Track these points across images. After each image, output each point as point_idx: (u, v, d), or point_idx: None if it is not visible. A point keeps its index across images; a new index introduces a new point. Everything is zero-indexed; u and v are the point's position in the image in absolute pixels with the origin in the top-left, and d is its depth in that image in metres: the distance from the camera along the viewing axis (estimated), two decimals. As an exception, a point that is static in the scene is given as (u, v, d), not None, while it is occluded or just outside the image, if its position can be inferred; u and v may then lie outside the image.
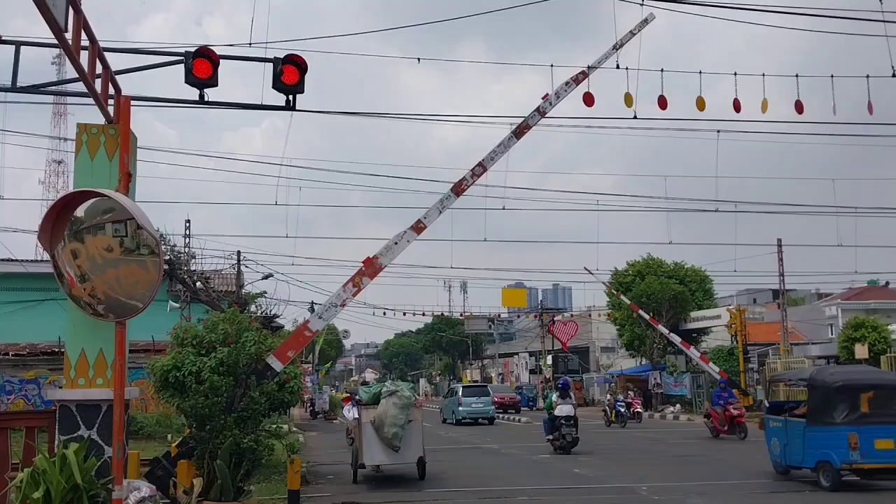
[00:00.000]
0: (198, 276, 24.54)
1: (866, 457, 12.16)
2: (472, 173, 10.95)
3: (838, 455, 12.33)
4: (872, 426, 12.36)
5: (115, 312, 6.77)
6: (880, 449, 12.16)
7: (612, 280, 48.98)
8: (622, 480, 14.06)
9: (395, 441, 13.58)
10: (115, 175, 7.08)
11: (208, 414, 8.04)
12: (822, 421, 12.87)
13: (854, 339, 32.72)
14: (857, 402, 12.63)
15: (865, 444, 12.17)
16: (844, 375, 13.70)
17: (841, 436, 12.41)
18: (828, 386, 13.02)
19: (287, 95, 8.62)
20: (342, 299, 9.93)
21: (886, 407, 12.64)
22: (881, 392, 12.88)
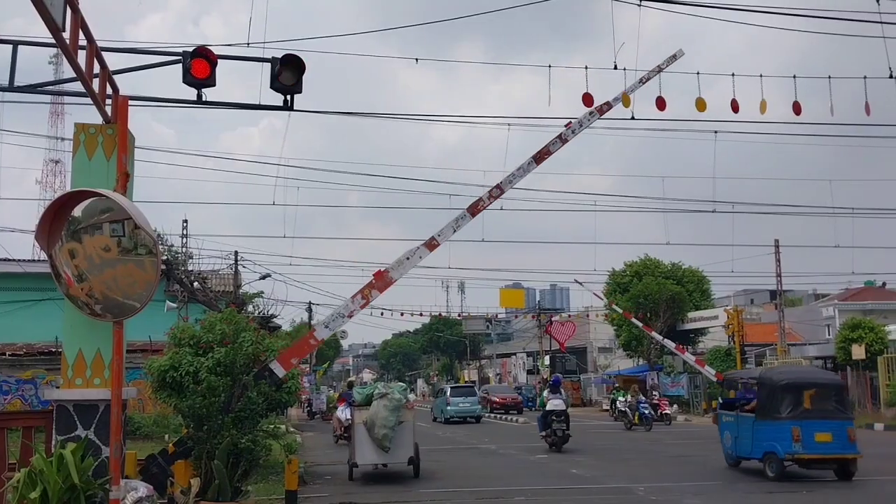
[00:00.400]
0: (195, 277, 24.52)
1: (807, 448, 13.35)
2: (490, 195, 11.08)
3: (782, 447, 13.47)
4: (813, 420, 13.50)
5: (112, 312, 6.76)
6: (819, 441, 13.40)
7: (608, 281, 49.03)
8: (619, 481, 14.07)
9: (385, 442, 13.99)
10: (112, 175, 7.07)
11: (206, 414, 8.03)
12: (768, 416, 13.95)
13: (851, 339, 32.75)
14: (800, 398, 13.73)
15: (807, 436, 13.34)
16: (789, 375, 15.02)
17: (785, 429, 13.51)
18: (774, 384, 14.16)
19: (285, 95, 8.61)
20: (350, 310, 9.94)
21: (825, 403, 13.77)
22: (821, 390, 13.99)
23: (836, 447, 13.48)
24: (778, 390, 14.04)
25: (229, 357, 8.29)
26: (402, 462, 14.56)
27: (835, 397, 14.05)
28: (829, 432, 13.47)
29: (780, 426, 13.71)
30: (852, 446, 13.54)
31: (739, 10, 11.59)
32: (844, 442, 13.51)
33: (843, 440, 13.51)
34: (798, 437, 13.39)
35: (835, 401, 13.96)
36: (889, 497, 11.92)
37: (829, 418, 13.67)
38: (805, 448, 13.37)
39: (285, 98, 8.64)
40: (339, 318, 10.01)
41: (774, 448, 13.68)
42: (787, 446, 13.44)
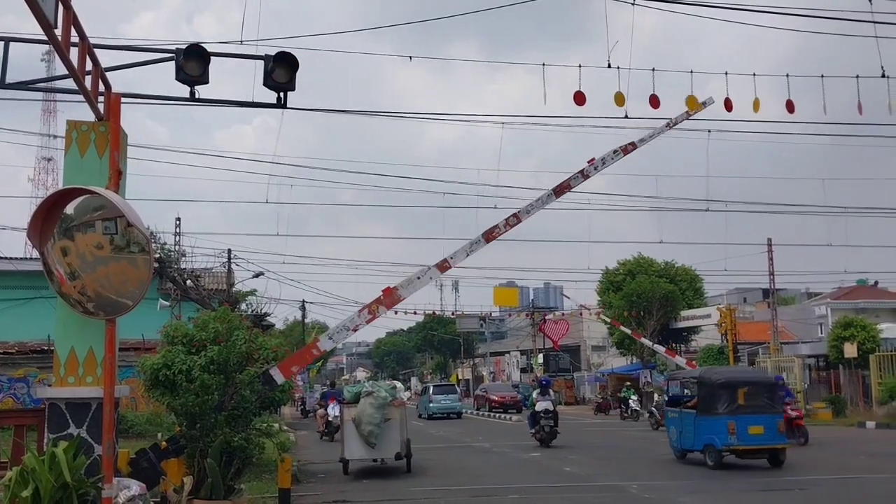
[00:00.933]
0: (188, 275, 24.46)
1: (742, 440, 14.85)
2: (506, 223, 11.18)
3: (720, 439, 14.99)
4: (747, 415, 15.01)
5: (104, 310, 6.74)
6: (752, 434, 14.88)
7: (601, 280, 49.11)
8: (613, 479, 14.10)
9: (371, 438, 14.68)
10: (105, 172, 7.04)
11: (199, 412, 8.01)
12: (707, 412, 15.41)
13: (843, 338, 32.85)
14: (735, 395, 15.22)
15: (741, 430, 14.82)
16: (725, 374, 16.72)
17: (722, 423, 14.99)
18: (712, 383, 15.67)
19: (278, 93, 8.58)
20: (355, 324, 9.99)
21: (758, 400, 15.27)
22: (754, 387, 15.55)
23: (768, 438, 14.98)
24: (715, 388, 15.52)
25: (222, 355, 8.27)
26: (389, 457, 15.10)
27: (766, 394, 15.55)
28: (761, 425, 14.95)
29: (717, 421, 15.10)
30: (782, 437, 15.20)
31: (733, 9, 11.61)
32: (775, 434, 15.08)
33: (773, 432, 15.06)
34: (733, 430, 14.82)
35: (766, 397, 15.46)
36: (884, 494, 11.97)
37: (762, 413, 15.14)
38: (740, 440, 14.85)
39: (279, 95, 8.61)
40: (344, 331, 10.08)
41: (713, 441, 15.13)
42: (724, 439, 14.90)
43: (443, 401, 37.54)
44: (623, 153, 11.70)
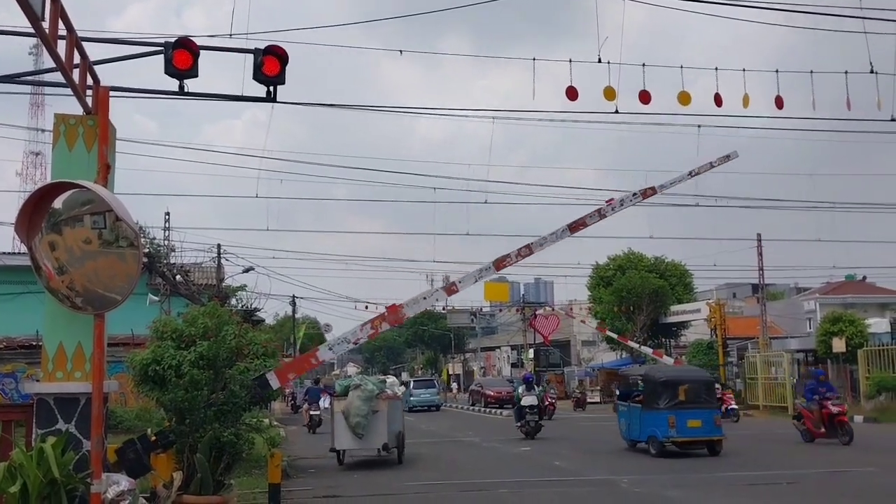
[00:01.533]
0: (178, 270, 24.36)
1: (681, 433, 16.30)
2: (518, 253, 11.30)
3: (661, 431, 16.40)
4: (686, 410, 16.46)
5: (93, 305, 6.70)
6: (691, 427, 16.35)
7: (592, 275, 49.23)
8: (602, 473, 14.15)
9: (358, 429, 15.35)
10: (93, 166, 6.99)
11: (188, 408, 7.98)
12: (651, 406, 16.85)
13: (832, 333, 33.03)
14: (675, 392, 16.69)
15: (681, 423, 16.26)
16: (667, 372, 18.45)
17: (664, 417, 16.41)
18: (655, 380, 17.25)
19: (268, 87, 8.54)
20: (356, 337, 10.02)
21: (697, 396, 16.79)
22: (693, 385, 17.08)
23: (705, 431, 16.52)
24: (658, 386, 17.03)
25: (212, 350, 8.24)
26: (375, 448, 15.83)
27: (705, 391, 17.21)
28: (699, 419, 16.46)
29: (659, 415, 16.57)
30: (718, 430, 16.66)
31: (723, 4, 11.63)
32: (711, 427, 16.57)
33: (710, 425, 16.56)
34: (673, 423, 16.29)
35: (704, 394, 17.08)
36: (871, 488, 12.05)
37: (700, 408, 16.69)
38: (679, 432, 16.31)
39: (268, 89, 8.57)
40: (345, 343, 10.14)
41: (655, 432, 16.57)
42: (665, 431, 16.36)
43: (422, 395, 40.40)
44: (642, 197, 11.88)
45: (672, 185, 12.01)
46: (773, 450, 18.10)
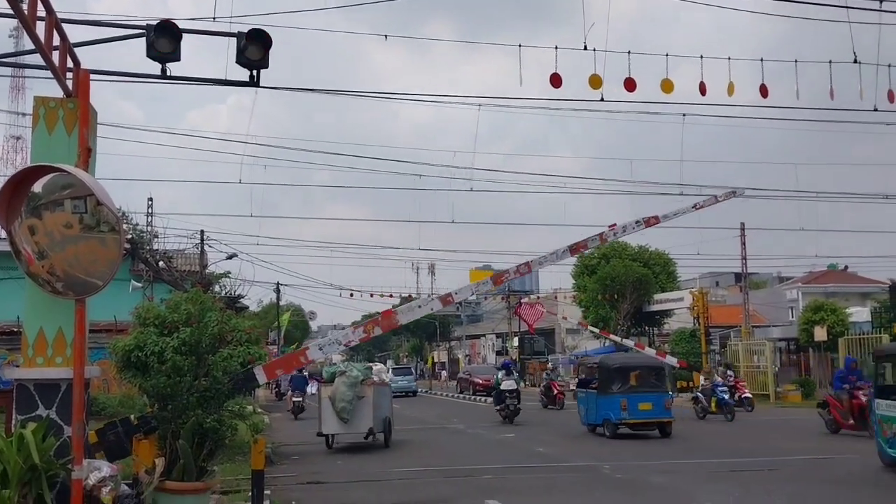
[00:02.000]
0: (160, 256, 24.18)
1: (633, 415, 17.67)
2: (517, 270, 11.44)
3: (615, 414, 17.79)
4: (637, 394, 17.88)
5: (74, 290, 6.64)
6: (642, 409, 17.68)
7: (577, 264, 49.38)
8: (585, 459, 14.24)
9: (344, 414, 15.87)
10: (73, 150, 6.89)
11: (170, 394, 7.94)
12: (605, 391, 18.22)
13: (813, 321, 33.33)
14: (627, 377, 18.22)
15: (632, 406, 17.63)
16: (620, 360, 19.98)
17: (617, 401, 17.83)
18: (609, 367, 18.75)
19: (251, 70, 8.46)
20: (348, 339, 10.06)
21: (647, 381, 18.20)
22: (644, 371, 18.50)
23: (655, 413, 17.82)
24: (611, 372, 18.49)
25: (194, 336, 8.18)
26: (361, 432, 16.37)
27: (655, 376, 18.54)
28: (649, 402, 17.81)
29: (613, 399, 17.96)
30: (668, 412, 17.98)
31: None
32: (661, 409, 17.85)
33: (660, 408, 17.85)
34: (625, 406, 17.66)
35: (655, 379, 18.45)
36: (850, 473, 12.19)
37: (650, 392, 18.06)
38: (631, 415, 17.67)
39: (251, 73, 8.49)
40: (335, 344, 10.18)
41: (609, 415, 17.92)
42: (618, 414, 17.74)
43: (400, 381, 42.08)
44: (645, 225, 12.08)
45: (675, 217, 12.12)
46: (759, 436, 18.29)
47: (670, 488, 10.90)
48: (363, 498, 10.51)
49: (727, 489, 10.53)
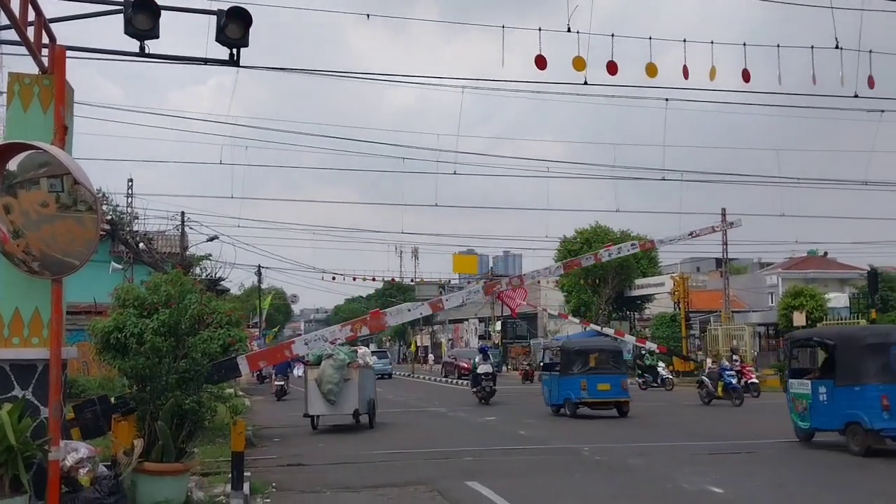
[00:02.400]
0: (141, 238, 24.00)
1: (592, 395, 18.83)
2: (510, 282, 11.63)
3: (575, 394, 18.93)
4: (596, 375, 19.05)
5: (50, 270, 6.56)
6: (601, 390, 18.82)
7: (559, 248, 49.57)
8: (565, 441, 14.33)
9: (330, 396, 16.25)
10: (49, 128, 6.78)
11: (149, 375, 7.89)
12: (566, 373, 19.33)
13: (793, 307, 33.69)
14: (587, 359, 19.35)
15: (591, 386, 18.80)
16: (580, 343, 21.62)
17: (577, 382, 18.96)
18: (570, 350, 20.03)
19: (231, 49, 8.35)
20: (335, 336, 10.14)
21: (606, 363, 19.35)
22: (603, 353, 19.71)
23: (613, 393, 18.94)
24: (572, 355, 19.65)
25: (173, 318, 8.13)
26: (347, 413, 16.66)
27: (613, 359, 19.75)
28: (608, 383, 18.93)
29: (573, 380, 19.06)
30: (625, 393, 19.17)
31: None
32: (619, 390, 19.01)
33: (618, 389, 18.99)
34: (585, 387, 18.80)
35: (613, 361, 19.61)
36: (826, 457, 12.33)
37: (609, 373, 19.20)
38: (590, 395, 18.83)
39: (231, 52, 8.37)
40: (321, 341, 10.27)
41: (570, 395, 19.04)
42: (578, 393, 18.87)
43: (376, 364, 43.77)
44: (640, 248, 12.26)
45: (671, 243, 12.26)
46: (740, 420, 18.48)
47: (648, 470, 10.99)
48: (344, 479, 10.52)
49: (705, 471, 10.63)
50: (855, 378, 12.46)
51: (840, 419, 12.58)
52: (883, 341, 12.68)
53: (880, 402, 11.93)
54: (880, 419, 11.88)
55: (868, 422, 11.93)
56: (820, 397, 13.06)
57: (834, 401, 12.72)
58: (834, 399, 12.73)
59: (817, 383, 13.27)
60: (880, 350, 12.47)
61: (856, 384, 12.38)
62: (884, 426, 11.88)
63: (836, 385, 12.73)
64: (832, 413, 12.75)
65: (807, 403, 13.41)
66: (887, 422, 11.86)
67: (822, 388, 13.05)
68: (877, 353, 12.44)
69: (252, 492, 9.19)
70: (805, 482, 10.09)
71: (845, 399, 12.48)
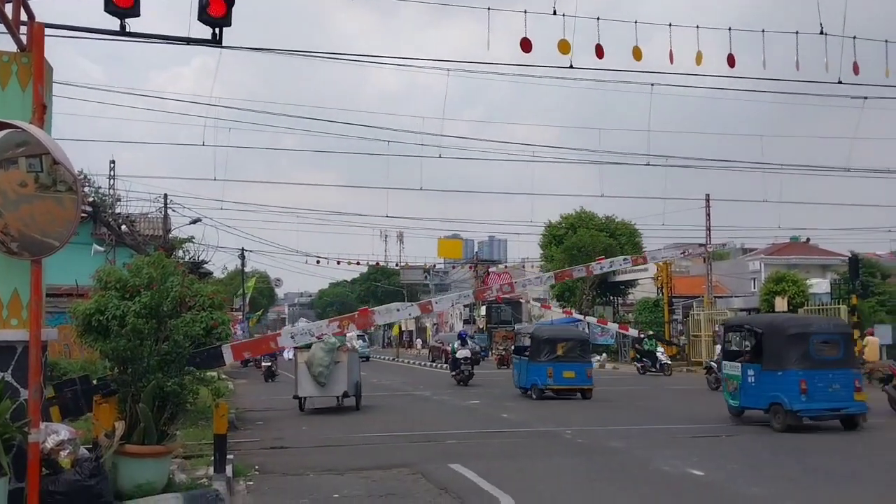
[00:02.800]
0: (123, 220, 23.80)
1: (557, 382, 19.85)
2: (500, 288, 11.70)
3: (541, 380, 19.93)
4: (563, 363, 20.01)
5: (30, 250, 6.49)
6: (566, 377, 19.88)
7: (544, 233, 49.68)
8: (547, 424, 14.41)
9: (321, 378, 16.60)
10: (28, 106, 6.68)
11: (130, 357, 7.84)
12: (535, 359, 20.28)
13: (775, 292, 33.91)
14: (555, 348, 20.20)
15: (557, 374, 19.80)
16: (549, 331, 22.34)
17: (544, 369, 19.96)
18: (539, 337, 20.85)
19: (213, 29, 8.25)
20: (321, 332, 10.19)
21: (573, 351, 20.27)
22: (569, 342, 20.60)
23: (578, 381, 20.01)
24: (542, 342, 20.47)
25: (155, 300, 8.07)
26: (336, 395, 17.11)
27: (580, 348, 20.67)
28: (573, 371, 19.95)
29: (541, 367, 20.04)
30: (588, 380, 20.15)
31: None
32: (584, 377, 20.06)
33: (582, 377, 20.05)
34: (551, 374, 19.77)
35: (579, 350, 20.53)
36: (803, 440, 12.48)
37: (575, 362, 20.15)
38: (556, 381, 19.83)
39: (214, 32, 8.27)
40: (307, 335, 10.29)
41: (537, 381, 20.02)
42: (544, 380, 19.87)
43: None
44: (633, 263, 12.62)
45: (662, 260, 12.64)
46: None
47: (629, 452, 11.08)
48: (326, 462, 10.53)
49: (684, 454, 10.73)
50: (778, 363, 13.68)
51: (765, 400, 13.84)
52: (804, 331, 13.87)
53: (799, 386, 13.26)
54: (799, 401, 13.26)
55: (788, 403, 13.28)
56: (748, 379, 14.28)
57: (760, 383, 13.98)
58: (760, 381, 13.98)
59: (746, 366, 14.37)
60: (801, 339, 13.67)
61: (779, 369, 13.59)
62: (801, 407, 13.30)
63: (763, 369, 13.92)
64: (758, 394, 14.00)
65: (737, 384, 14.57)
66: (804, 404, 13.29)
67: (750, 371, 14.24)
68: (798, 342, 13.64)
69: (235, 474, 9.19)
70: (782, 465, 10.21)
71: (770, 382, 13.72)
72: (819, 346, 13.81)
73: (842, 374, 13.47)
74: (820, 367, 13.45)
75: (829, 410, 13.53)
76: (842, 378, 13.45)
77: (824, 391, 13.32)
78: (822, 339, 13.96)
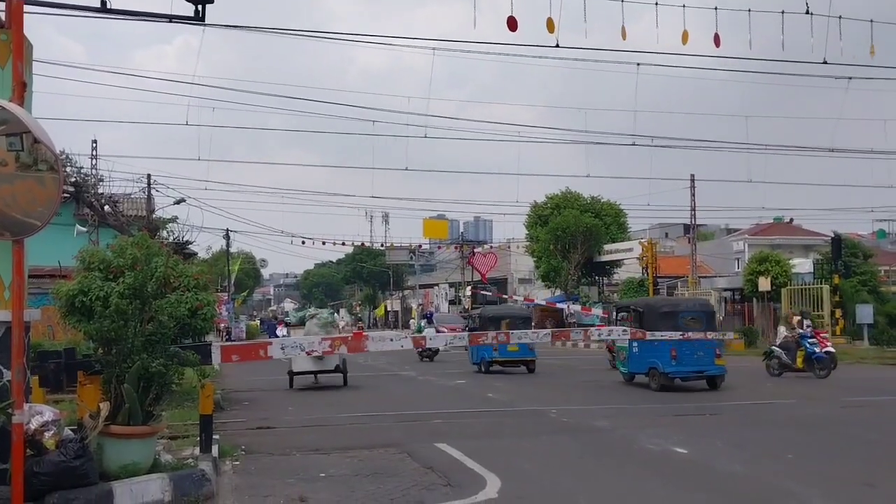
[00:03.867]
0: (106, 200, 23.60)
1: (503, 355, 21.68)
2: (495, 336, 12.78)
3: (488, 355, 21.83)
4: None
5: (11, 231, 6.41)
6: (510, 350, 21.40)
7: (529, 213, 49.71)
8: (532, 404, 14.50)
9: None
10: (7, 84, 6.57)
11: (115, 337, 7.78)
12: None
13: (758, 272, 34.17)
14: (499, 325, 21.53)
15: (502, 348, 21.07)
16: (495, 310, 25.98)
17: None
18: (486, 317, 23.65)
19: (196, 5, 8.14)
20: (311, 348, 10.29)
21: (516, 327, 20.70)
22: (514, 319, 22.55)
23: (521, 354, 21.76)
24: (488, 320, 22.85)
25: (139, 280, 8.01)
26: (330, 369, 18.03)
27: (522, 323, 22.51)
28: (516, 345, 20.61)
29: None
30: (532, 353, 21.89)
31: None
32: (526, 351, 21.70)
33: (525, 350, 21.56)
34: (496, 348, 21.09)
35: (522, 325, 22.01)
36: (786, 417, 12.62)
37: None
38: (501, 355, 21.66)
39: (196, 8, 8.16)
40: (297, 349, 10.37)
41: (484, 356, 22.00)
42: (491, 354, 21.71)
43: None
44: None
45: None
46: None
47: (613, 431, 11.17)
48: (313, 442, 10.55)
49: (668, 433, 10.82)
50: None
51: (645, 365, 16.93)
52: (673, 310, 17.46)
53: (670, 354, 16.22)
54: (670, 365, 16.26)
55: (662, 367, 16.30)
56: (633, 350, 17.35)
57: (641, 352, 16.98)
58: (641, 351, 16.98)
59: (631, 340, 16.90)
60: (672, 316, 16.97)
61: (655, 341, 15.95)
62: (672, 370, 16.29)
63: (643, 341, 16.30)
64: (641, 361, 17.09)
65: (626, 354, 17.79)
66: (675, 367, 16.26)
67: (634, 343, 17.06)
68: (669, 318, 16.84)
69: (221, 455, 9.19)
70: (766, 442, 10.32)
71: (648, 351, 16.63)
72: (687, 322, 16.73)
73: (705, 343, 16.32)
74: (687, 338, 16.01)
75: (694, 373, 16.54)
76: (704, 347, 16.36)
77: (691, 357, 16.26)
78: (689, 315, 17.09)
